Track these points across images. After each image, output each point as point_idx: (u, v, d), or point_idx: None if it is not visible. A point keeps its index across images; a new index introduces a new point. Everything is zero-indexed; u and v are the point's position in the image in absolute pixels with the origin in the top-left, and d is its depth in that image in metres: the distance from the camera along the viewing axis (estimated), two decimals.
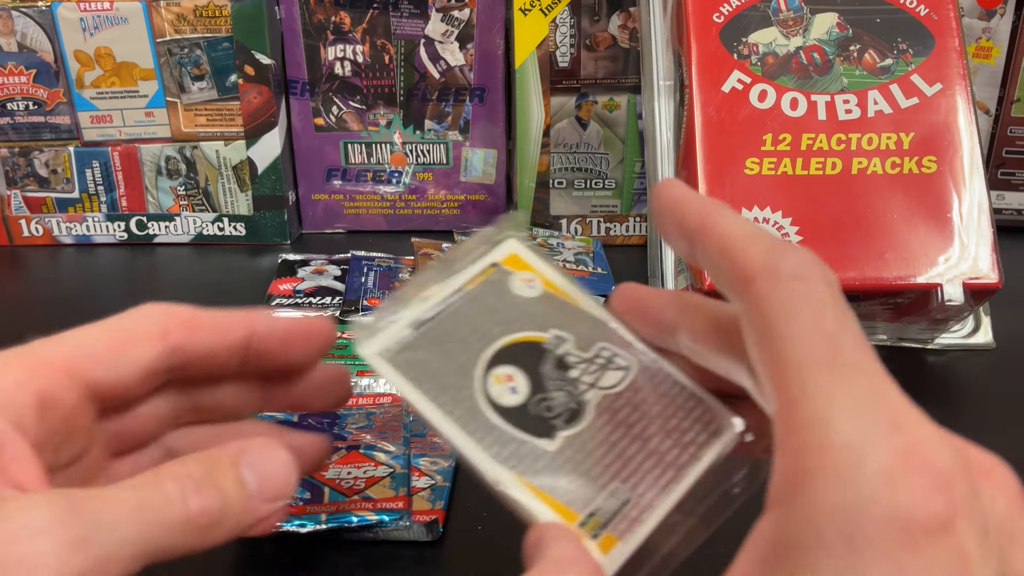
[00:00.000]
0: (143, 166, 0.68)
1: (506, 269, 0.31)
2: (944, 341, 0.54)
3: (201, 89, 0.65)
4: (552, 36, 0.64)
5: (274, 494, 0.26)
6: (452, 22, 0.66)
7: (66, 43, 0.64)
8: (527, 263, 0.31)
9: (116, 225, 0.69)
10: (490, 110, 0.68)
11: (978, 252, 0.50)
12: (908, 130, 0.52)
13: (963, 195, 0.50)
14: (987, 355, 0.54)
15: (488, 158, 0.70)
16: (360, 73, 0.67)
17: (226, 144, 0.67)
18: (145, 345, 0.27)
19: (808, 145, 0.51)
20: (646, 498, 0.26)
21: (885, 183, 0.51)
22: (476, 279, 0.30)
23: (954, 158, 0.51)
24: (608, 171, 0.68)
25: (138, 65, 0.65)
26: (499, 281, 0.30)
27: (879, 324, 0.54)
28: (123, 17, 0.64)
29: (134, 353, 0.26)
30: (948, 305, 0.49)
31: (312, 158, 0.70)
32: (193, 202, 0.68)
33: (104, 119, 0.66)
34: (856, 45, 0.53)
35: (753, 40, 0.53)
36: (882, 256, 0.49)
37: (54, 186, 0.68)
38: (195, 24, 0.64)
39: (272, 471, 0.26)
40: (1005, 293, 0.50)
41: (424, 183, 0.70)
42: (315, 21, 0.66)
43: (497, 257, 0.31)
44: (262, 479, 0.26)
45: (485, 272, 0.30)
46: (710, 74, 0.52)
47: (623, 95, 0.66)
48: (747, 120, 0.52)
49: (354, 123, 0.69)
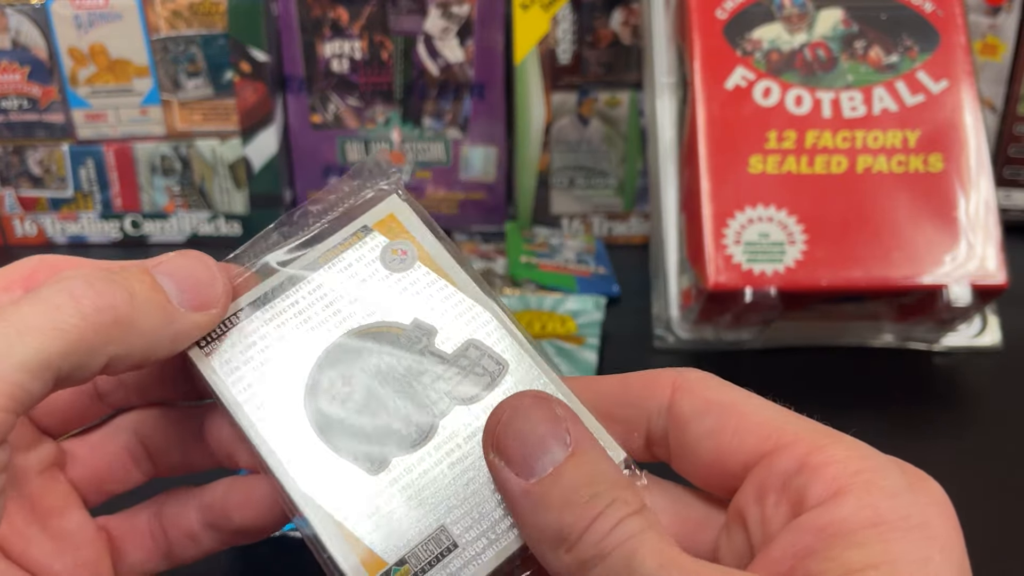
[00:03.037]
0: (138, 164, 0.67)
1: (377, 236, 0.25)
2: (951, 342, 0.54)
3: (196, 86, 0.65)
4: (553, 32, 0.64)
5: (200, 300, 0.23)
6: (451, 18, 0.65)
7: (60, 40, 0.63)
8: (404, 227, 0.25)
9: (110, 224, 0.68)
10: (490, 107, 0.67)
11: (985, 252, 0.49)
12: (914, 128, 0.51)
13: (970, 194, 0.50)
14: (994, 356, 0.53)
15: (488, 156, 0.69)
16: (358, 70, 0.66)
17: (222, 142, 0.66)
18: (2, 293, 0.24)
19: (813, 143, 0.51)
20: (477, 546, 0.22)
21: (891, 182, 0.50)
22: (341, 247, 0.25)
23: (961, 156, 0.50)
24: (610, 169, 0.67)
25: (132, 62, 0.64)
26: (366, 251, 0.25)
27: (885, 324, 0.53)
28: (117, 14, 0.63)
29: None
30: (955, 305, 0.48)
31: (309, 156, 0.69)
32: (188, 201, 0.68)
33: (98, 117, 0.66)
34: (861, 41, 0.52)
35: (757, 36, 0.52)
36: (888, 255, 0.49)
37: (48, 185, 0.67)
38: (190, 20, 0.63)
39: (193, 275, 0.23)
40: (1012, 293, 0.49)
41: (423, 181, 0.70)
42: (312, 17, 0.65)
43: (371, 220, 0.25)
44: (182, 283, 0.23)
45: (352, 238, 0.25)
46: (713, 71, 0.52)
47: (625, 92, 0.65)
48: (751, 117, 0.51)
49: (351, 120, 0.68)
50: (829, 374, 0.51)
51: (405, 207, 0.26)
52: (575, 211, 0.68)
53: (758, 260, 0.49)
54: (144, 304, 0.22)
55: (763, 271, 0.48)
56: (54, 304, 0.21)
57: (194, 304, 0.23)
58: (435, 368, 0.24)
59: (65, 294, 0.21)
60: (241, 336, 0.24)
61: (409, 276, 0.25)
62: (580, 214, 0.68)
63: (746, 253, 0.49)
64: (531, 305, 0.56)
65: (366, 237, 0.25)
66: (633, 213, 0.68)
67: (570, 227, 0.68)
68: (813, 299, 0.50)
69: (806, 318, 0.53)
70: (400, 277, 0.25)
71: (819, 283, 0.48)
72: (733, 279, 0.48)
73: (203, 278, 0.23)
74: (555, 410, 0.22)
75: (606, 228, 0.68)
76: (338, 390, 0.23)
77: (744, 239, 0.49)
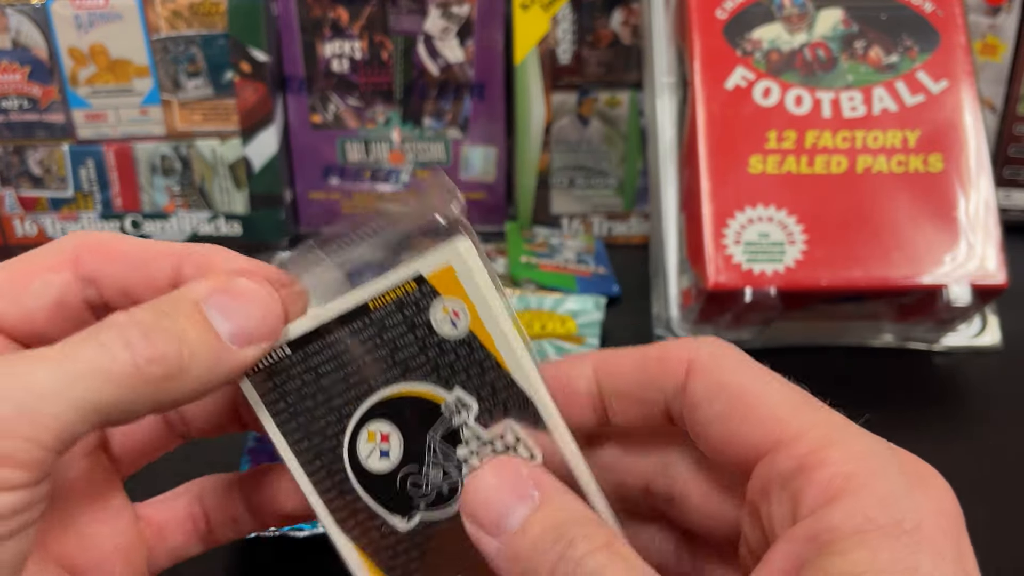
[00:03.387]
0: (138, 164, 0.67)
1: (431, 290, 0.23)
2: (951, 342, 0.54)
3: (196, 86, 0.65)
4: (553, 32, 0.64)
5: (252, 335, 0.23)
6: (451, 18, 0.65)
7: (60, 40, 0.63)
8: (461, 285, 0.23)
9: (111, 224, 0.68)
10: (490, 107, 0.67)
11: (985, 251, 0.49)
12: (914, 128, 0.51)
13: (970, 194, 0.50)
14: (994, 355, 0.53)
15: (488, 156, 0.69)
16: (358, 70, 0.66)
17: (222, 142, 0.66)
18: (50, 273, 0.24)
19: (813, 143, 0.51)
20: None
21: (891, 182, 0.50)
22: (390, 294, 0.23)
23: (961, 156, 0.50)
24: (610, 169, 0.67)
25: (133, 62, 0.64)
26: (416, 305, 0.23)
27: (885, 324, 0.53)
28: (118, 14, 0.63)
29: (37, 283, 0.24)
30: (954, 305, 0.48)
31: (309, 156, 0.69)
32: (189, 201, 0.68)
33: (98, 117, 0.66)
34: (861, 41, 0.52)
35: (757, 36, 0.52)
36: (888, 255, 0.49)
37: (48, 185, 0.67)
38: (190, 20, 0.63)
39: (248, 308, 0.23)
40: (1012, 293, 0.49)
41: (423, 181, 0.70)
42: (312, 17, 0.65)
43: (426, 268, 0.23)
44: (236, 319, 0.22)
45: (404, 287, 0.23)
46: (713, 71, 0.52)
47: (625, 92, 0.65)
48: (751, 117, 0.51)
49: (352, 120, 0.68)
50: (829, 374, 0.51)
51: (465, 258, 0.23)
52: (575, 211, 0.68)
53: (758, 260, 0.49)
54: (195, 348, 0.22)
55: (763, 271, 0.48)
56: (110, 352, 0.21)
57: (246, 339, 0.23)
58: (471, 444, 0.24)
59: (120, 343, 0.21)
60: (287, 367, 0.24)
61: (458, 343, 0.23)
62: (580, 214, 0.68)
63: (746, 253, 0.49)
64: (531, 305, 0.56)
65: (420, 288, 0.23)
66: (633, 213, 0.68)
67: (570, 227, 0.68)
68: (813, 299, 0.50)
69: (806, 318, 0.53)
70: (449, 342, 0.23)
71: (819, 283, 0.48)
72: (733, 279, 0.48)
73: (256, 312, 0.23)
74: (520, 470, 0.23)
75: (606, 228, 0.68)
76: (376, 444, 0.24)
77: (744, 239, 0.49)
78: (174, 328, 0.21)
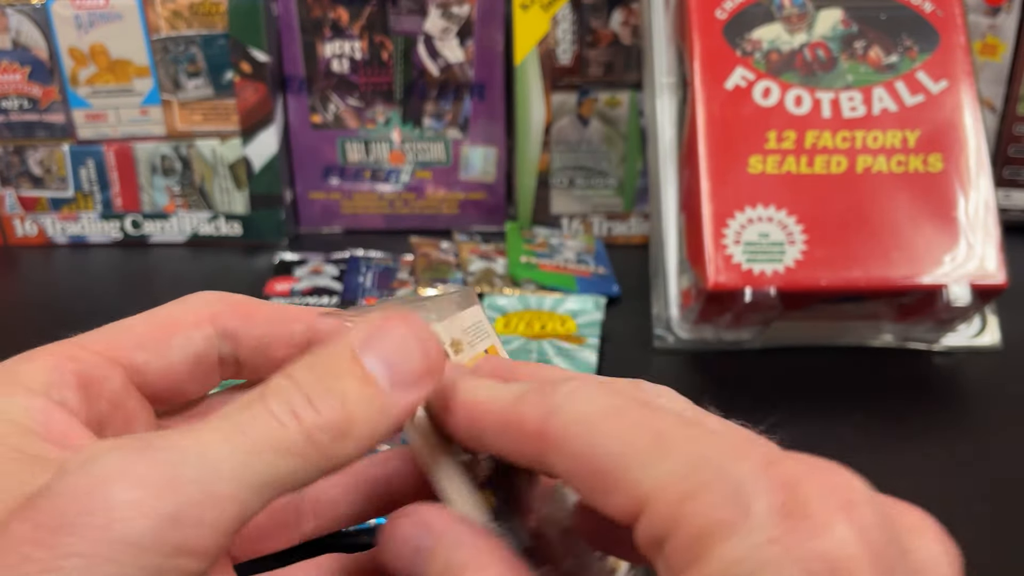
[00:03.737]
0: (138, 164, 0.67)
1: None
2: (950, 342, 0.54)
3: (197, 86, 0.65)
4: (553, 32, 0.63)
5: (414, 376, 0.21)
6: (451, 18, 0.65)
7: (60, 40, 0.63)
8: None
9: (111, 224, 0.68)
10: (490, 107, 0.67)
11: (984, 251, 0.49)
12: (914, 128, 0.51)
13: (969, 194, 0.50)
14: (994, 355, 0.53)
15: (488, 156, 0.69)
16: (358, 70, 0.66)
17: (222, 142, 0.66)
18: (191, 329, 0.25)
19: (813, 143, 0.51)
20: None
21: (890, 182, 0.50)
22: None
23: (960, 156, 0.50)
24: (610, 169, 0.67)
25: (133, 62, 0.64)
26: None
27: (885, 324, 0.53)
28: (118, 14, 0.63)
29: (179, 337, 0.25)
30: (954, 305, 0.48)
31: (309, 156, 0.69)
32: (189, 201, 0.68)
33: (98, 117, 0.66)
34: (861, 42, 0.52)
35: (757, 36, 0.52)
36: (887, 255, 0.49)
37: (48, 185, 0.67)
38: (191, 20, 0.63)
39: (405, 350, 0.21)
40: (1012, 293, 0.49)
41: (423, 181, 0.70)
42: (312, 17, 0.65)
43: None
44: (394, 364, 0.21)
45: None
46: (713, 71, 0.52)
47: (625, 92, 0.65)
48: (751, 117, 0.51)
49: (352, 120, 0.68)
50: (829, 374, 0.51)
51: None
52: (575, 211, 0.68)
53: (758, 260, 0.49)
54: (359, 405, 0.21)
55: (763, 271, 0.48)
56: (279, 422, 0.20)
57: (406, 384, 0.21)
58: None
59: (288, 411, 0.20)
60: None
61: None
62: (580, 214, 0.68)
63: (746, 253, 0.49)
64: (531, 305, 0.56)
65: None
66: (633, 213, 0.68)
67: (570, 227, 0.68)
68: (813, 299, 0.50)
69: (806, 318, 0.53)
70: None
71: (819, 283, 0.48)
72: (733, 279, 0.48)
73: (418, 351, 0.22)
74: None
75: (606, 228, 0.68)
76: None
77: (744, 239, 0.49)
78: (337, 387, 0.21)
